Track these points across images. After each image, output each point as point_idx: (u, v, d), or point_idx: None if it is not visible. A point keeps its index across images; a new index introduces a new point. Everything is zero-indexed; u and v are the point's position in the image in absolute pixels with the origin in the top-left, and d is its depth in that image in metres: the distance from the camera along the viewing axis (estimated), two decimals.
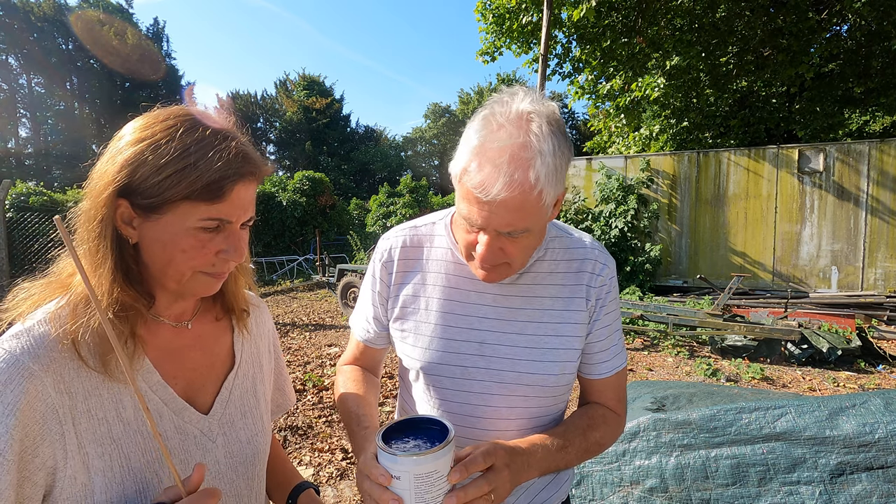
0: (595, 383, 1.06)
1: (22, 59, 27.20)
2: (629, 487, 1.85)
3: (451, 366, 1.00)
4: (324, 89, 35.08)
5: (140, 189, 0.68)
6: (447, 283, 1.03)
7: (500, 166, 0.79)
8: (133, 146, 0.69)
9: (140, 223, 0.70)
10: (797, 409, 1.69)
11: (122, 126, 0.76)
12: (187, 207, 0.68)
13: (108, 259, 0.69)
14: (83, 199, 0.72)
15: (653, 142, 14.81)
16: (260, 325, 0.97)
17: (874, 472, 1.51)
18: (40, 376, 0.65)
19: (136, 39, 28.52)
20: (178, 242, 0.70)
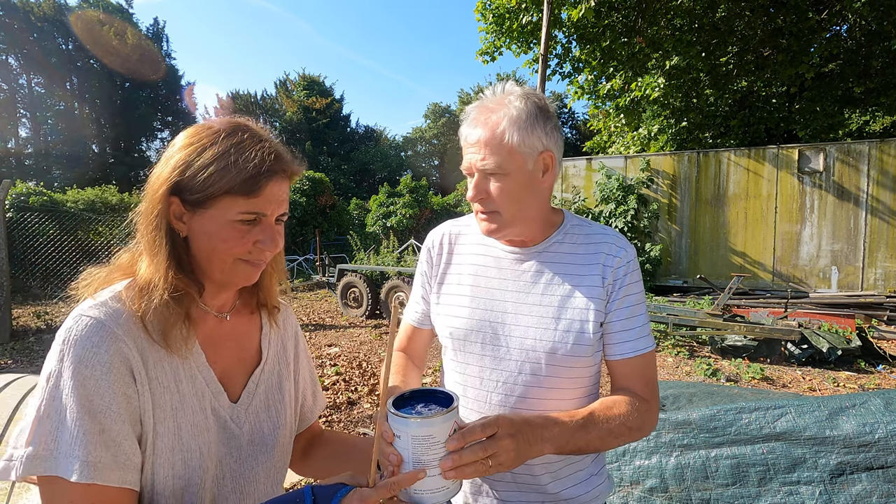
0: (619, 366, 1.11)
1: (22, 59, 27.17)
2: (629, 487, 1.85)
3: (477, 331, 1.12)
4: (324, 89, 35.05)
5: (188, 186, 0.78)
6: (477, 262, 1.18)
7: (478, 118, 1.06)
8: (183, 150, 0.80)
9: (189, 218, 0.80)
10: (797, 410, 1.69)
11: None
12: (228, 201, 0.78)
13: (164, 248, 0.79)
14: (142, 199, 0.82)
15: (652, 142, 14.80)
16: (287, 326, 1.05)
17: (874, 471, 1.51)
18: (125, 340, 0.74)
19: (136, 39, 28.50)
20: (221, 233, 0.79)
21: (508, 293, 1.12)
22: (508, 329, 1.10)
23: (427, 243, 1.28)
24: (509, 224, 1.08)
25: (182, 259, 0.81)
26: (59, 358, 0.70)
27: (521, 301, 1.11)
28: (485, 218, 1.08)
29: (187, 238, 0.82)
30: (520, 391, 1.08)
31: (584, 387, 1.13)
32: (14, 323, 7.38)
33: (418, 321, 1.29)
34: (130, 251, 0.85)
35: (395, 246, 11.11)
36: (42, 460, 0.67)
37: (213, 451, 0.83)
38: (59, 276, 10.38)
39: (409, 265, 9.13)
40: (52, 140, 28.32)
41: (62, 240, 10.54)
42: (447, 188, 27.87)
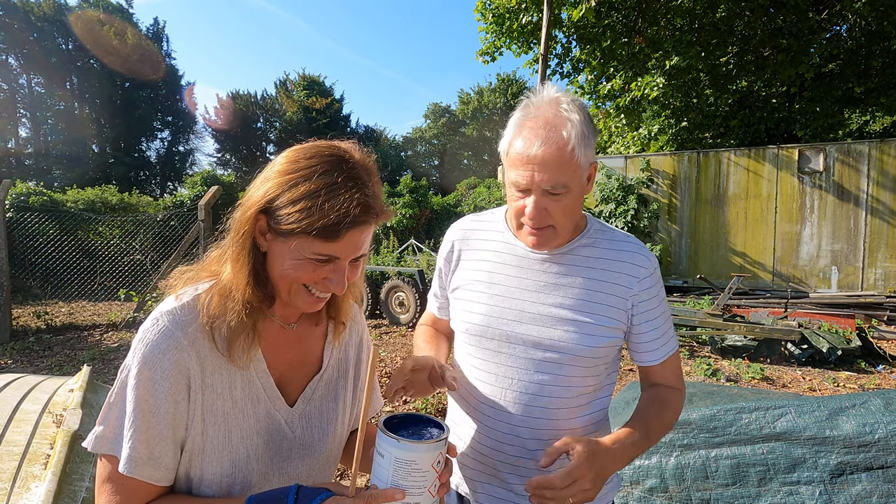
0: (652, 369, 1.18)
1: (22, 58, 27.17)
2: (629, 487, 1.85)
3: (493, 328, 1.13)
4: (324, 89, 35.05)
5: (275, 215, 0.81)
6: (496, 259, 1.19)
7: (538, 130, 1.01)
8: (278, 178, 0.82)
9: (271, 238, 0.84)
10: (797, 410, 1.69)
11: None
12: (305, 241, 0.80)
13: (247, 265, 0.84)
14: (238, 208, 0.86)
15: (652, 142, 14.80)
16: (352, 335, 1.08)
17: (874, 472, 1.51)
18: (188, 349, 0.81)
19: (136, 39, 28.49)
20: (293, 262, 0.83)
21: (529, 293, 1.13)
22: (526, 328, 1.10)
23: (447, 238, 1.30)
24: (560, 236, 1.09)
25: (259, 274, 0.86)
26: (133, 353, 0.81)
27: (541, 301, 1.11)
28: (537, 233, 1.08)
29: (266, 254, 0.86)
30: (534, 389, 1.10)
31: (601, 387, 1.17)
32: (14, 323, 7.38)
33: (438, 311, 1.35)
34: (221, 250, 0.90)
35: (395, 246, 11.11)
36: (107, 441, 0.80)
37: (263, 452, 0.89)
38: (58, 276, 10.38)
39: (409, 265, 9.13)
40: (52, 140, 28.32)
41: (62, 240, 10.54)
42: (447, 188, 27.87)
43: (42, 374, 1.90)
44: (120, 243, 11.09)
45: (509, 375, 1.12)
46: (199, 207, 7.27)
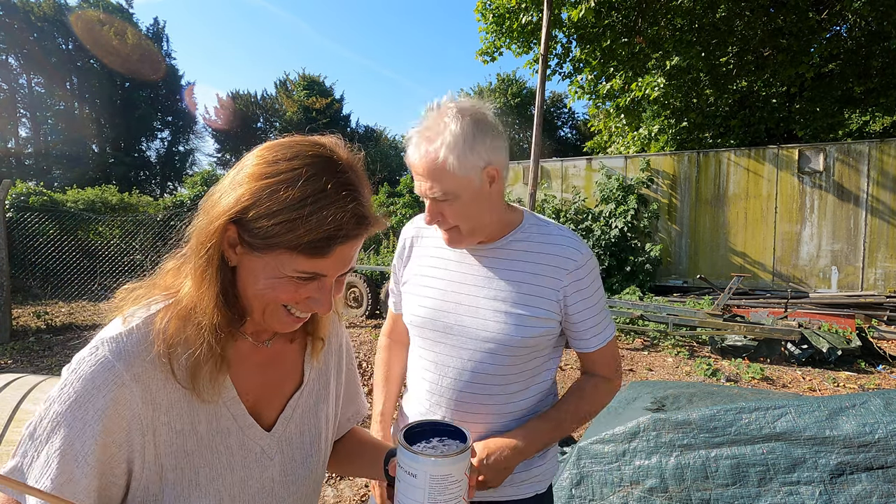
0: (591, 356, 1.24)
1: (22, 58, 27.16)
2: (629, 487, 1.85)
3: (434, 320, 1.19)
4: (324, 89, 35.04)
5: (249, 227, 0.68)
6: (440, 255, 1.26)
7: (419, 141, 1.08)
8: (253, 182, 0.68)
9: (242, 252, 0.71)
10: (797, 410, 1.69)
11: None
12: (287, 257, 0.68)
13: (215, 283, 0.71)
14: (200, 213, 0.73)
15: (653, 142, 14.79)
16: (330, 342, 0.95)
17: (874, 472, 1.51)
18: (130, 386, 0.67)
19: (136, 39, 28.49)
20: (270, 282, 0.70)
21: (465, 286, 1.19)
22: (463, 319, 1.16)
23: (402, 235, 1.37)
24: (470, 234, 1.15)
25: (228, 292, 0.72)
26: (61, 386, 0.67)
27: (476, 294, 1.17)
28: (445, 234, 1.16)
29: (235, 268, 0.73)
30: (468, 377, 1.15)
31: (539, 373, 1.22)
32: (14, 323, 7.38)
33: (393, 306, 1.41)
34: (176, 262, 0.77)
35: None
36: (19, 476, 0.66)
37: (239, 492, 0.78)
38: (59, 276, 10.38)
39: None
40: (52, 140, 28.31)
41: (62, 240, 10.54)
42: None
43: (42, 374, 1.90)
44: (120, 243, 11.09)
45: (447, 364, 1.17)
46: (200, 207, 7.28)
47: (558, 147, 34.66)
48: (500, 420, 1.16)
